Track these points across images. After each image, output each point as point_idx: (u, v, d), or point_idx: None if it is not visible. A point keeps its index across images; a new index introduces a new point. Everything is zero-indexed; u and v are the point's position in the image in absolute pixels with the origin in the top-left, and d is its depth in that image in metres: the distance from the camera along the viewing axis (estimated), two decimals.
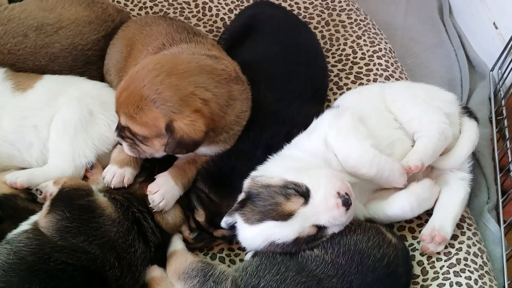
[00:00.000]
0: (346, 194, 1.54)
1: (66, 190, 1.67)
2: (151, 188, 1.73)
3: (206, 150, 1.79)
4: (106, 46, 2.11)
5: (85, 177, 1.89)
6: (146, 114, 1.59)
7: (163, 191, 1.73)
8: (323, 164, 1.69)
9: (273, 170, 1.67)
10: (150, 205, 1.72)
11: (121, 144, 1.74)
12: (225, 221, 1.67)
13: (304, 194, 1.56)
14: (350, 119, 1.75)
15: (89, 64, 2.08)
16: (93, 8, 2.13)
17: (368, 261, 1.55)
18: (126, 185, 1.75)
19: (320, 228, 1.56)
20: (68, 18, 2.06)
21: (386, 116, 1.82)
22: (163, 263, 1.74)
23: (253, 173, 1.69)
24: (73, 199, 1.64)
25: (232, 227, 1.69)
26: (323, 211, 1.54)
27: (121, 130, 1.69)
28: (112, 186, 1.75)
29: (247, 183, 1.66)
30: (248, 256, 1.73)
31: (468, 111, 1.87)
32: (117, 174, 1.76)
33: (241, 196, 1.66)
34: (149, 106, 1.58)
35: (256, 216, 1.59)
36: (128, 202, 1.71)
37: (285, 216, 1.55)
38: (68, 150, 1.84)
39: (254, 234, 1.61)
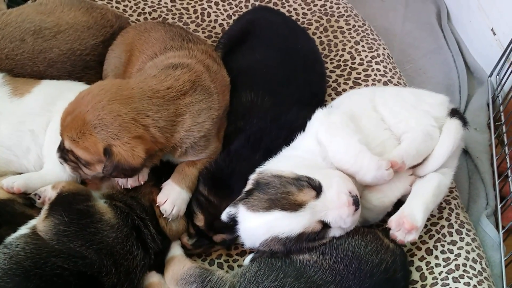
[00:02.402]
0: (356, 195, 1.55)
1: (64, 195, 1.67)
2: (160, 199, 1.74)
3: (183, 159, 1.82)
4: (105, 52, 2.10)
5: (84, 183, 1.89)
6: (87, 139, 1.62)
7: (172, 199, 1.74)
8: (323, 162, 1.69)
9: (281, 166, 1.67)
10: (164, 216, 1.73)
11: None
12: (227, 212, 1.66)
13: (317, 188, 1.55)
14: (340, 116, 1.75)
15: (87, 69, 2.08)
16: (92, 13, 2.13)
17: (366, 267, 1.55)
18: (142, 183, 1.75)
19: (324, 227, 1.55)
20: (67, 23, 2.05)
21: (375, 117, 1.82)
22: (162, 269, 1.73)
23: (260, 169, 1.69)
24: (71, 204, 1.64)
25: (232, 226, 1.67)
26: (334, 207, 1.53)
27: (63, 152, 1.71)
28: (129, 187, 1.74)
29: (254, 176, 1.66)
30: (247, 260, 1.72)
31: (452, 112, 1.82)
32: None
33: (248, 187, 1.65)
34: (90, 131, 1.61)
35: (263, 204, 1.57)
36: (129, 209, 1.71)
37: (295, 206, 1.54)
38: None
39: (257, 225, 1.59)
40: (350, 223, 1.56)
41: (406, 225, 1.61)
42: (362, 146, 1.68)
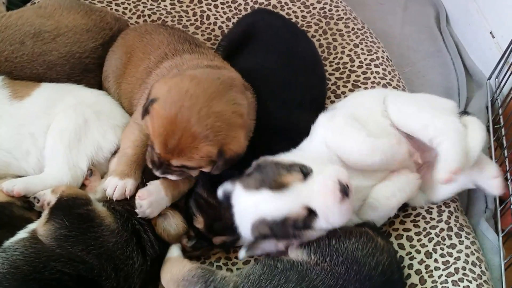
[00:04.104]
0: (347, 185, 1.52)
1: (65, 199, 1.66)
2: (142, 193, 1.70)
3: None
4: (104, 54, 2.10)
5: (83, 185, 1.89)
6: (201, 151, 1.58)
7: (152, 199, 1.71)
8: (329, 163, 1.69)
9: (284, 156, 1.69)
10: (136, 209, 1.70)
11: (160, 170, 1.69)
12: (223, 188, 1.67)
13: (305, 172, 1.55)
14: (342, 118, 1.76)
15: (87, 72, 2.08)
16: (91, 16, 2.13)
17: (364, 269, 1.54)
18: (128, 197, 1.73)
19: (311, 214, 1.53)
20: (66, 26, 2.05)
21: (382, 121, 1.82)
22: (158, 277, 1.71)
23: (264, 156, 1.70)
24: (72, 208, 1.63)
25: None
26: (318, 192, 1.52)
27: (167, 168, 1.66)
28: (114, 199, 1.72)
29: (256, 161, 1.67)
30: (240, 255, 1.70)
31: (465, 112, 1.87)
32: (118, 187, 1.73)
33: (249, 170, 1.66)
34: (204, 142, 1.57)
35: (256, 183, 1.58)
36: (128, 213, 1.70)
37: (281, 186, 1.54)
38: (64, 159, 1.84)
39: (247, 204, 1.59)
40: (338, 215, 1.53)
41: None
42: (371, 138, 1.69)
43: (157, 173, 1.69)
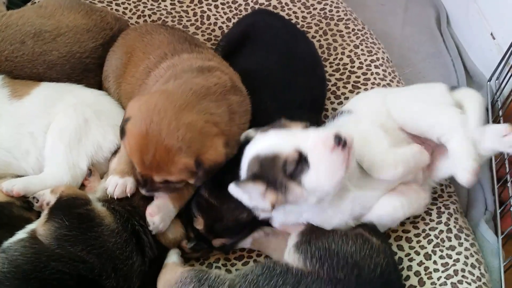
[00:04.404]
0: (345, 139, 1.49)
1: (64, 199, 1.66)
2: (152, 210, 1.72)
3: None
4: (104, 54, 2.10)
5: (82, 185, 1.89)
6: (178, 164, 1.58)
7: (163, 214, 1.73)
8: None
9: None
10: (150, 227, 1.72)
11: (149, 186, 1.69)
12: (247, 132, 1.72)
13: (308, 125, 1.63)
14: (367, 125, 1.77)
15: (87, 72, 2.08)
16: (91, 16, 2.13)
17: (364, 273, 1.52)
18: (129, 195, 1.73)
19: (302, 163, 1.51)
20: (67, 26, 2.05)
21: (391, 123, 1.82)
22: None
23: None
24: (71, 208, 1.64)
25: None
26: (312, 137, 1.52)
27: (152, 186, 1.67)
28: (116, 197, 1.72)
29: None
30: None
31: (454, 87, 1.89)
32: (119, 184, 1.73)
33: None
34: (179, 155, 1.57)
35: (267, 128, 1.64)
36: (129, 214, 1.70)
37: (283, 127, 1.62)
38: (64, 159, 1.84)
39: (251, 144, 1.62)
40: (328, 166, 1.49)
41: None
42: (391, 150, 1.68)
43: (144, 192, 1.69)
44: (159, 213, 1.71)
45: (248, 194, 1.55)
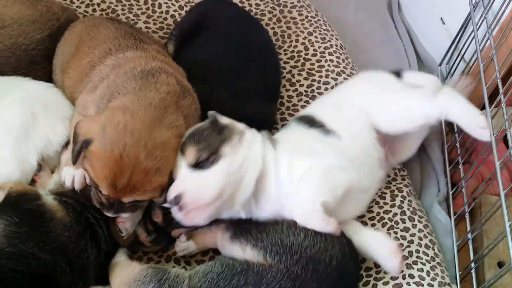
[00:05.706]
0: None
1: (13, 195, 1.62)
2: (122, 219, 1.69)
3: None
4: (51, 46, 2.04)
5: (33, 181, 1.83)
6: (153, 183, 1.53)
7: (133, 220, 1.72)
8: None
9: None
10: (122, 234, 1.70)
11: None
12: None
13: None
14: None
15: (34, 64, 2.01)
16: (37, 6, 2.05)
17: (320, 267, 1.50)
18: (88, 184, 1.68)
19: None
20: (11, 17, 1.97)
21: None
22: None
23: None
24: (20, 204, 1.59)
25: None
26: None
27: (120, 207, 1.60)
28: (77, 189, 1.68)
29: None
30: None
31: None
32: (76, 175, 1.68)
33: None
34: (156, 175, 1.52)
35: None
36: (82, 206, 1.67)
37: None
38: (11, 155, 1.77)
39: None
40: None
41: None
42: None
43: (109, 214, 1.63)
44: (129, 220, 1.70)
45: None
